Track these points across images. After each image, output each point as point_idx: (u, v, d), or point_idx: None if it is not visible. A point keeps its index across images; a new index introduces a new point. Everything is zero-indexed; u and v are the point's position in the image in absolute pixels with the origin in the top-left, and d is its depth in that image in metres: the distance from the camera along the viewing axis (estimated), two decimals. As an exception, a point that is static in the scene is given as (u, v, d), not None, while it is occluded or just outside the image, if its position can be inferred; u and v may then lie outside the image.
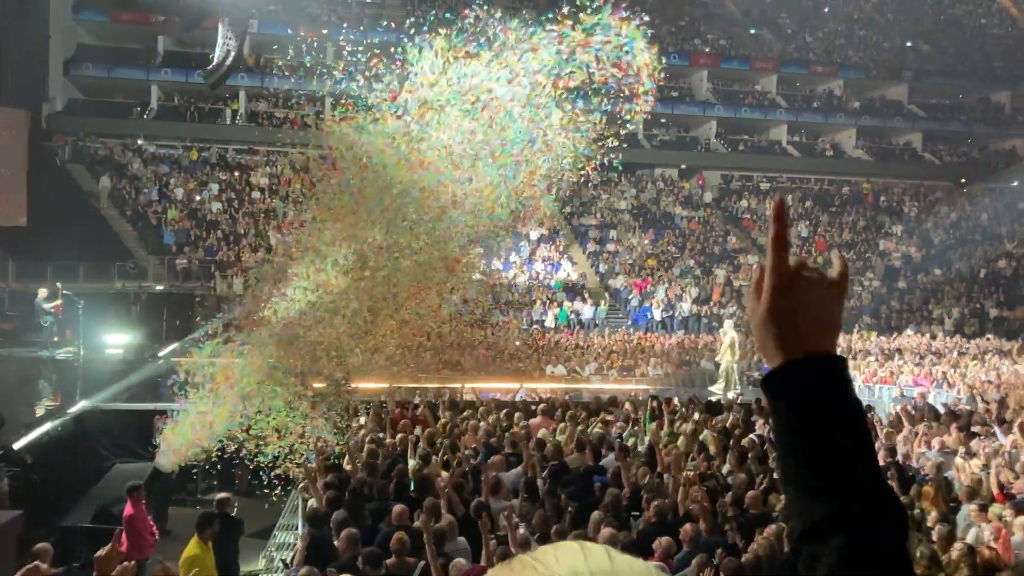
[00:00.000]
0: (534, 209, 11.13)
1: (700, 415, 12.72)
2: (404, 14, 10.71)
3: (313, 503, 8.79)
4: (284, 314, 10.02)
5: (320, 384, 10.43)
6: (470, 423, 11.79)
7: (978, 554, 6.91)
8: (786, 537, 6.90)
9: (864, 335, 26.60)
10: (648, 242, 33.76)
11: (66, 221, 26.91)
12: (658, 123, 38.60)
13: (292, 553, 8.19)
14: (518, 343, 21.08)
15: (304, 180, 11.19)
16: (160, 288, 25.83)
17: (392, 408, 12.28)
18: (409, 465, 9.67)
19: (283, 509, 10.70)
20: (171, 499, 12.28)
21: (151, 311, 23.31)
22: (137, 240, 29.64)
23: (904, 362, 21.70)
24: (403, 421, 11.63)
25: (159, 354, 19.30)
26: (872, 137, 42.34)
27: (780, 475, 1.17)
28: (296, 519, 10.01)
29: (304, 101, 28.54)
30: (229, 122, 35.74)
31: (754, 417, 12.97)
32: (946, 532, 7.45)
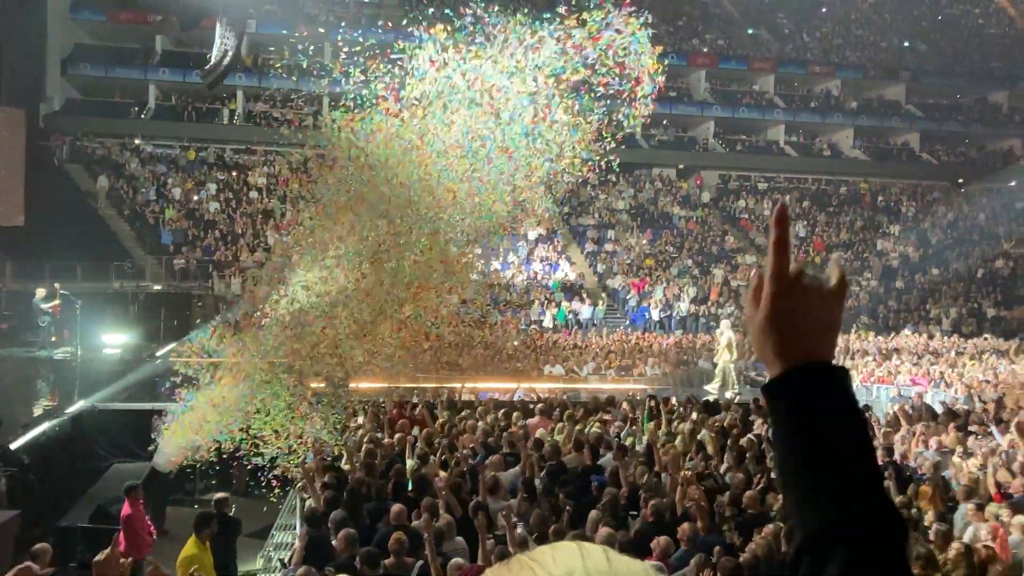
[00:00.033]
0: (532, 212, 11.12)
1: (698, 415, 12.73)
2: (402, 14, 10.68)
3: (311, 503, 8.79)
4: (284, 313, 10.00)
5: (319, 384, 10.42)
6: (468, 423, 11.79)
7: (975, 553, 6.92)
8: (784, 538, 6.92)
9: (862, 335, 26.63)
10: (646, 242, 33.77)
11: (64, 221, 26.88)
12: (656, 123, 38.59)
13: (290, 553, 8.19)
14: (516, 343, 21.07)
15: (302, 180, 11.16)
16: (158, 288, 25.79)
17: (390, 408, 12.27)
18: (407, 465, 9.67)
19: (281, 509, 10.70)
20: (169, 499, 12.27)
21: (149, 311, 23.31)
22: (135, 240, 29.61)
23: (902, 362, 21.73)
24: (401, 421, 11.62)
25: (157, 354, 19.28)
26: (870, 137, 42.37)
27: (781, 482, 1.16)
28: (294, 519, 10.00)
29: (303, 102, 28.52)
30: (227, 122, 35.70)
31: (752, 417, 12.99)
32: (943, 532, 7.46)
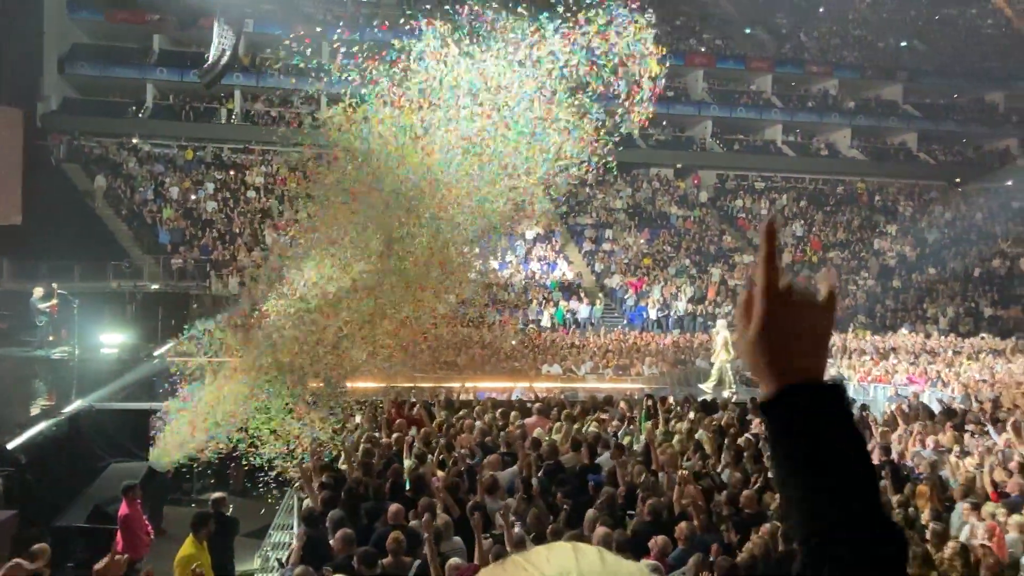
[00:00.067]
0: (532, 212, 11.11)
1: (695, 414, 12.74)
2: (399, 13, 10.66)
3: (309, 503, 8.79)
4: (283, 311, 9.97)
5: (317, 383, 10.40)
6: (466, 422, 11.78)
7: (972, 552, 6.94)
8: (781, 537, 6.93)
9: (859, 334, 26.66)
10: (644, 241, 33.80)
11: (61, 220, 26.84)
12: (654, 123, 38.50)
13: (288, 553, 8.20)
14: (514, 342, 21.07)
15: (299, 180, 11.14)
16: (155, 287, 25.75)
17: (388, 408, 12.26)
18: (405, 465, 9.67)
19: (278, 509, 10.69)
20: (166, 499, 12.28)
21: (146, 310, 23.25)
22: (132, 239, 29.59)
23: (899, 361, 21.76)
24: (399, 421, 11.62)
25: (154, 353, 19.26)
26: (867, 137, 42.41)
27: (781, 501, 1.16)
28: (292, 519, 10.00)
29: (300, 102, 28.52)
30: (224, 121, 35.69)
31: (749, 416, 13.01)
32: (939, 531, 7.47)
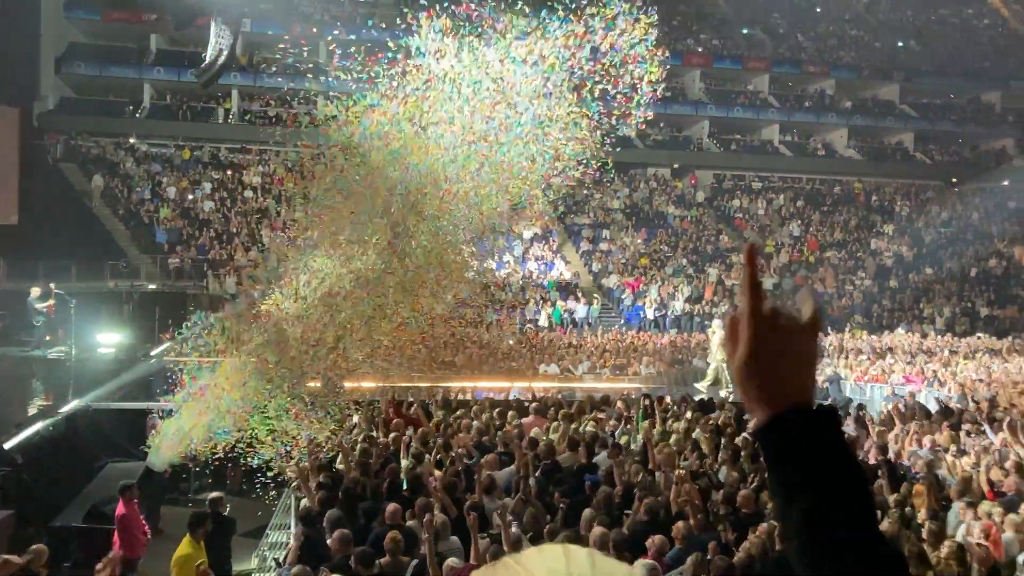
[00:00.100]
0: (530, 213, 11.10)
1: (692, 413, 12.75)
2: (396, 12, 10.65)
3: (306, 502, 8.79)
4: (281, 312, 9.95)
5: (315, 383, 10.38)
6: (463, 422, 11.78)
7: (968, 552, 6.95)
8: (778, 537, 6.94)
9: (856, 333, 26.69)
10: (641, 241, 33.82)
11: (58, 220, 26.83)
12: (651, 123, 38.51)
13: (285, 552, 8.19)
14: (511, 342, 21.07)
15: (297, 180, 11.11)
16: (152, 287, 25.74)
17: (384, 408, 12.25)
18: (402, 464, 9.66)
19: (276, 509, 10.68)
20: (163, 498, 12.26)
21: (143, 310, 23.24)
22: (129, 239, 29.56)
23: (895, 360, 21.78)
24: (396, 420, 11.61)
25: (151, 353, 19.24)
26: (864, 137, 42.46)
27: (780, 525, 1.16)
28: (289, 518, 10.00)
29: (298, 101, 28.47)
30: (221, 121, 35.66)
31: (746, 416, 13.01)
32: (936, 530, 7.48)
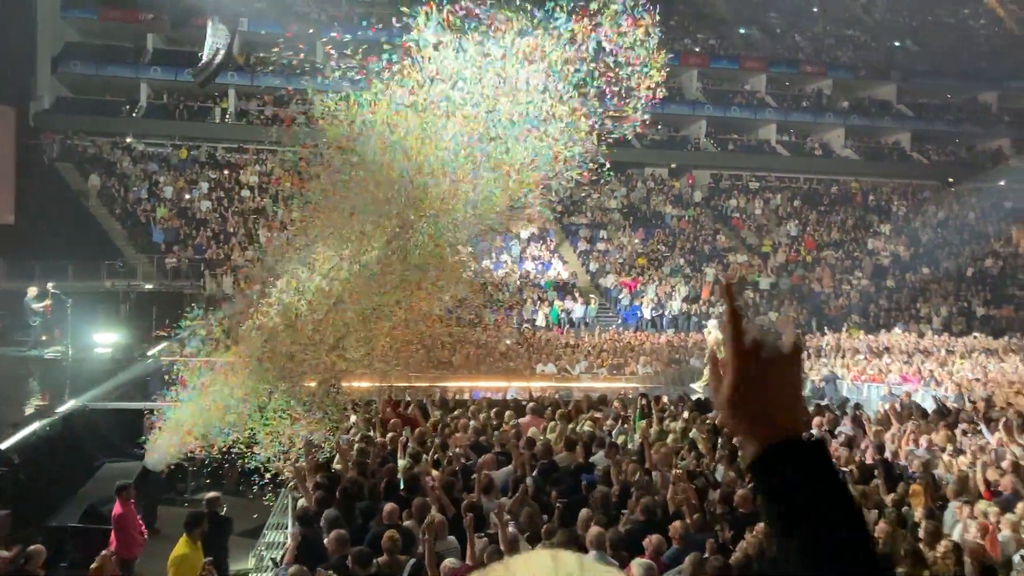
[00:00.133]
0: (528, 215, 11.08)
1: (690, 413, 12.75)
2: (393, 12, 10.62)
3: (303, 502, 8.78)
4: (280, 309, 9.89)
5: (312, 384, 10.35)
6: (460, 422, 11.78)
7: (964, 551, 6.96)
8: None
9: (853, 333, 26.72)
10: (638, 241, 33.83)
11: (54, 219, 26.78)
12: (648, 123, 38.61)
13: (282, 552, 8.19)
14: (509, 342, 21.08)
15: (294, 180, 11.08)
16: (149, 287, 25.71)
17: (381, 408, 12.24)
18: (399, 464, 9.66)
19: (273, 508, 10.67)
20: (160, 498, 12.24)
21: (140, 310, 23.23)
22: (126, 239, 29.51)
23: (892, 360, 21.81)
24: (393, 420, 11.61)
25: (148, 353, 19.23)
26: (861, 136, 42.51)
27: (778, 553, 1.17)
28: (286, 518, 9.99)
29: (296, 102, 28.44)
30: (218, 120, 35.60)
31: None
32: (932, 529, 7.49)
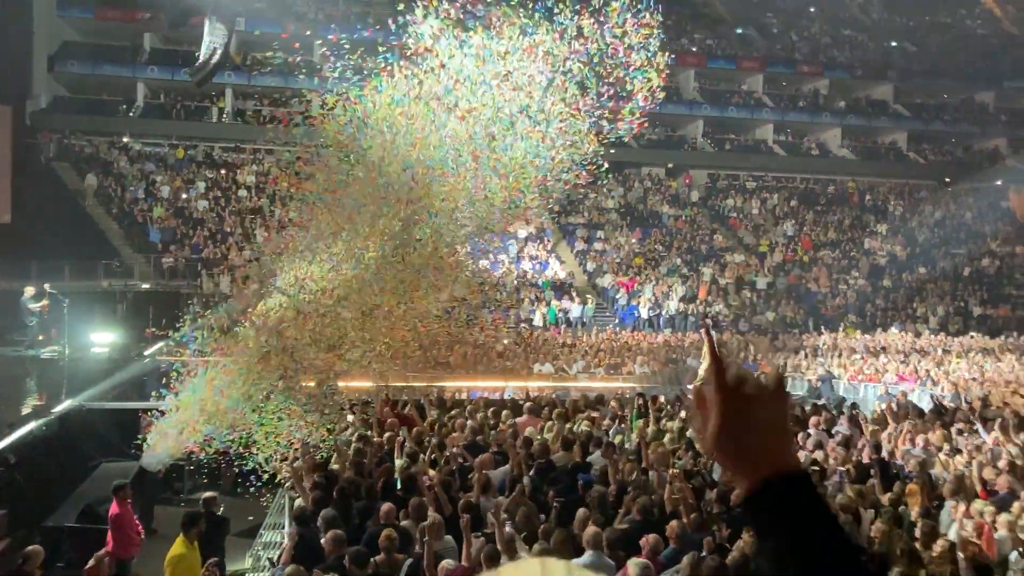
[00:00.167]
0: (526, 215, 11.07)
1: (687, 412, 12.75)
2: (391, 12, 10.61)
3: (300, 502, 8.77)
4: (277, 311, 9.88)
5: (310, 383, 10.33)
6: (457, 421, 11.78)
7: (961, 550, 6.98)
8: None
9: (849, 333, 26.78)
10: (635, 241, 33.85)
11: (51, 219, 26.72)
12: (645, 123, 38.61)
13: (279, 552, 8.18)
14: (506, 341, 21.09)
15: (291, 180, 11.06)
16: (146, 286, 25.70)
17: (379, 408, 12.23)
18: (396, 464, 9.66)
19: (270, 508, 10.66)
20: (157, 498, 12.22)
21: (137, 310, 23.22)
22: (123, 238, 29.46)
23: (889, 360, 21.86)
24: (390, 420, 11.60)
25: (145, 353, 19.22)
26: (857, 136, 42.56)
27: None
28: (283, 518, 9.97)
29: (292, 100, 28.41)
30: (215, 120, 35.57)
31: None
32: (928, 529, 7.50)
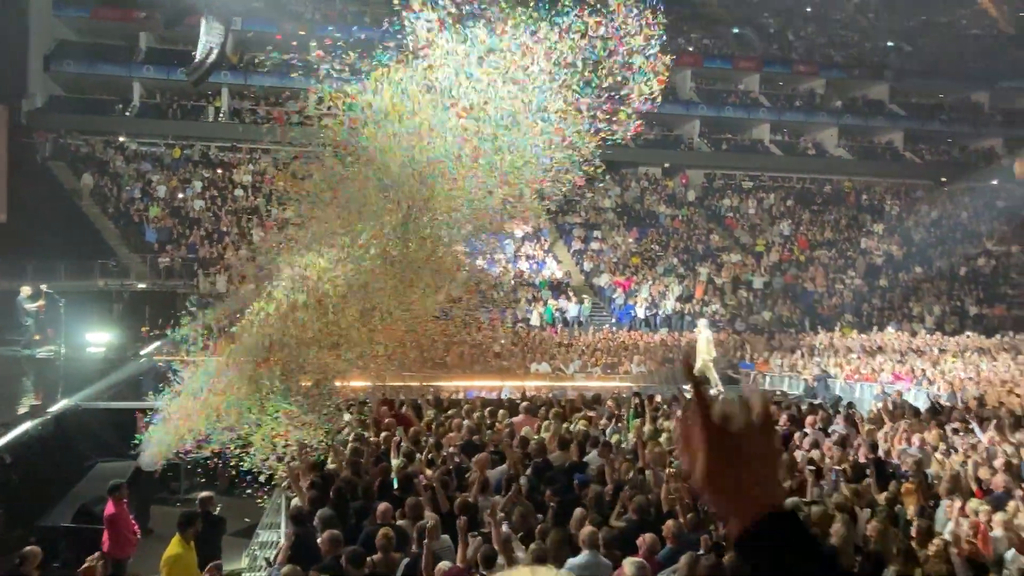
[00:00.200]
0: (524, 215, 11.06)
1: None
2: (387, 11, 10.57)
3: (297, 502, 8.77)
4: (275, 311, 9.84)
5: (307, 383, 10.30)
6: (454, 421, 11.77)
7: (957, 549, 6.99)
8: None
9: (846, 332, 26.81)
10: (632, 240, 33.86)
11: (47, 219, 26.64)
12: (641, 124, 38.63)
13: (275, 552, 8.17)
14: (503, 341, 21.09)
15: (287, 179, 11.03)
16: (142, 286, 25.66)
17: (376, 407, 12.22)
18: (393, 464, 9.65)
19: (266, 508, 10.65)
20: (153, 498, 12.22)
21: (133, 309, 23.19)
22: (119, 238, 29.42)
23: (885, 359, 21.89)
24: (387, 420, 11.60)
25: (141, 352, 19.20)
26: (854, 136, 42.59)
27: None
28: (279, 518, 9.96)
29: (288, 100, 28.39)
30: (212, 119, 35.50)
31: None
32: (924, 527, 7.52)
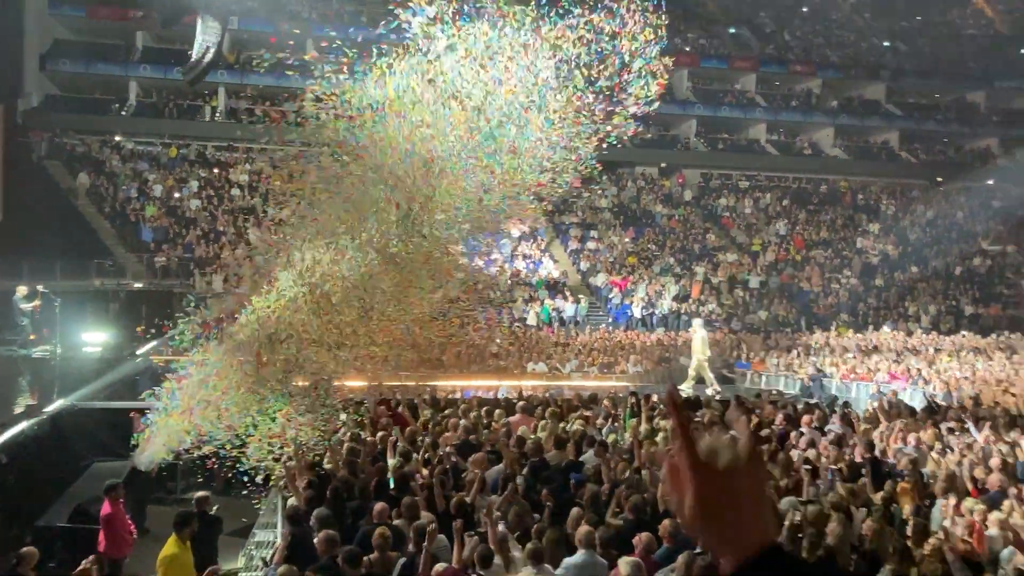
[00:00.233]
0: (523, 215, 11.05)
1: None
2: (384, 11, 10.56)
3: (293, 502, 8.76)
4: (272, 311, 9.82)
5: (304, 382, 10.29)
6: (451, 420, 11.77)
7: (952, 548, 7.00)
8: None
9: (841, 332, 26.85)
10: (628, 240, 33.90)
11: (43, 218, 26.61)
12: (638, 122, 38.65)
13: (272, 552, 8.17)
14: (499, 340, 21.08)
15: (283, 179, 11.01)
16: (139, 286, 25.63)
17: (373, 407, 12.21)
18: (389, 463, 9.65)
19: (263, 508, 10.64)
20: (150, 498, 12.20)
21: (129, 309, 23.16)
22: (115, 237, 29.37)
23: (881, 358, 21.93)
24: (383, 419, 11.59)
25: (137, 352, 19.17)
26: (850, 136, 42.67)
27: None
28: (276, 517, 9.96)
29: (286, 100, 28.35)
30: (208, 119, 35.46)
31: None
32: (920, 527, 7.53)
